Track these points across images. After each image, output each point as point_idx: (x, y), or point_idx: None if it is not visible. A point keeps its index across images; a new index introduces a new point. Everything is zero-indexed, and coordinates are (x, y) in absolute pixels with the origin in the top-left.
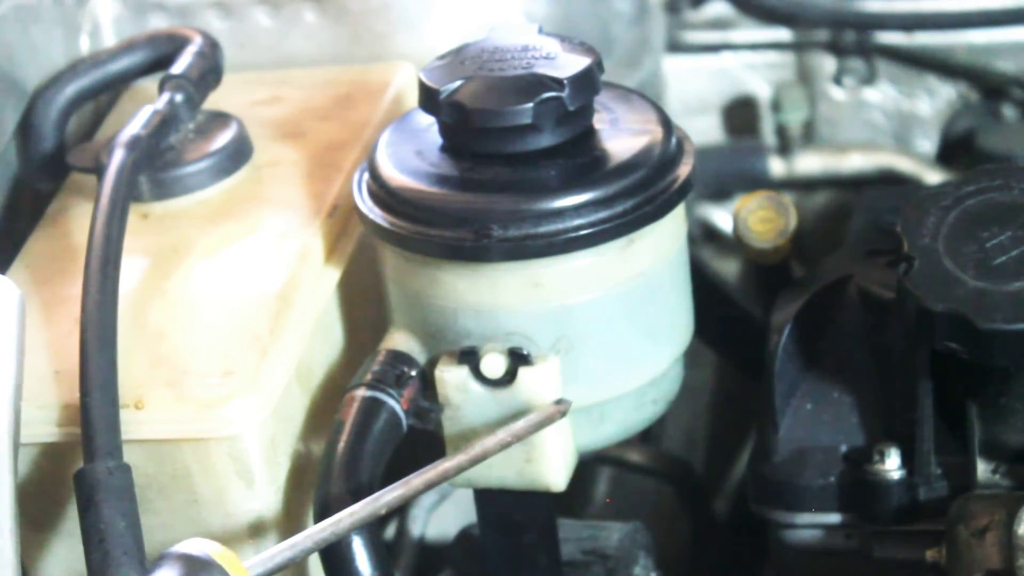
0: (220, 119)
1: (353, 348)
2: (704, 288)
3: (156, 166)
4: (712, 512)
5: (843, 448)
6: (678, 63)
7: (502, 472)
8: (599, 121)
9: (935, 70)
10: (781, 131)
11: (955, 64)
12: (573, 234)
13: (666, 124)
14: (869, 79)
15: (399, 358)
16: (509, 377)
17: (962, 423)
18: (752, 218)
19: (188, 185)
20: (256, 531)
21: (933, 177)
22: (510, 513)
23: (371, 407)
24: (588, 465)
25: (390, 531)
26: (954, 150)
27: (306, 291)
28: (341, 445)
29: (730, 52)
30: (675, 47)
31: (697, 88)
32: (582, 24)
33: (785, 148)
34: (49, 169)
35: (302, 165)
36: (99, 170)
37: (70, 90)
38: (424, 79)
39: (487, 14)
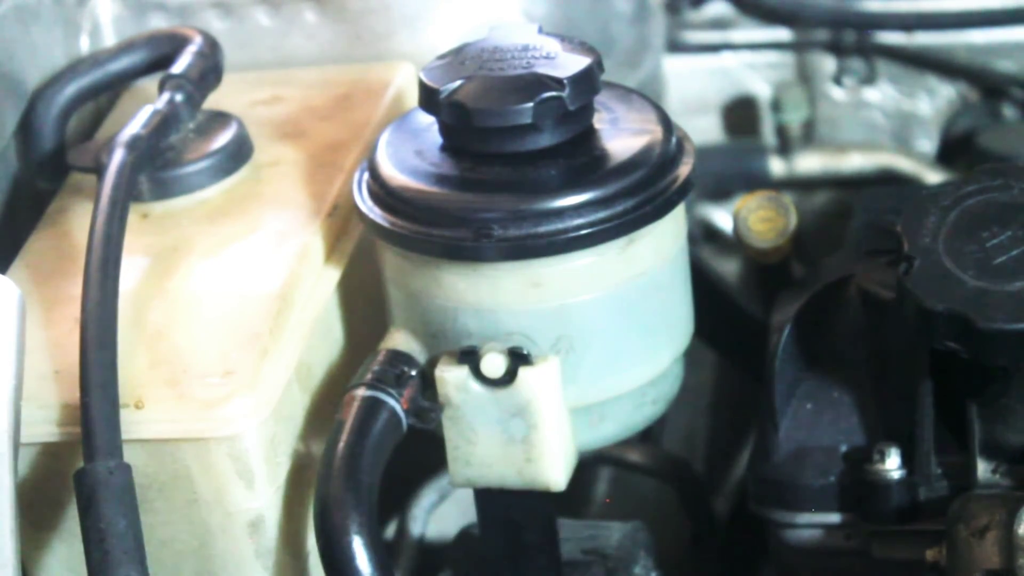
0: (220, 119)
1: (353, 348)
2: (704, 288)
3: (156, 166)
4: (712, 512)
5: (843, 448)
6: (678, 63)
7: (502, 472)
8: (599, 121)
9: (935, 70)
10: (781, 131)
11: (955, 64)
12: (573, 234)
13: (666, 124)
14: (869, 79)
15: (399, 358)
16: (509, 377)
17: (962, 423)
18: (752, 218)
19: (188, 185)
20: (256, 531)
21: (933, 177)
22: (510, 513)
23: (371, 407)
24: (588, 465)
25: (390, 531)
26: (954, 150)
27: (306, 291)
28: (341, 445)
29: (730, 52)
30: (675, 47)
31: (697, 88)
32: (582, 24)
33: (785, 148)
34: (49, 169)
35: (302, 165)
36: (99, 170)
37: (70, 90)
38: (424, 79)
39: (487, 14)
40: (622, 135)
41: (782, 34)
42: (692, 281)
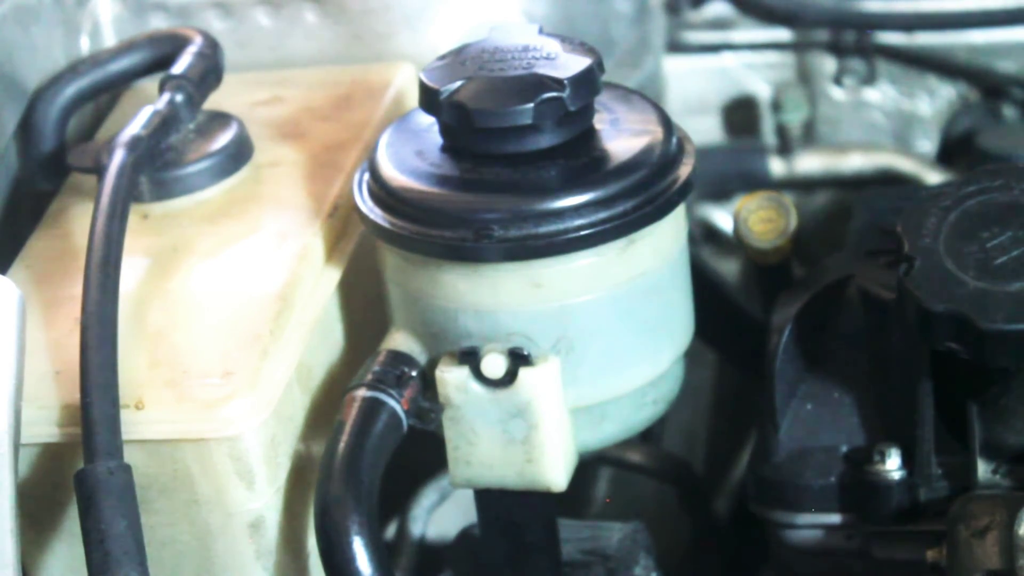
0: (220, 119)
1: (353, 348)
2: (704, 288)
3: (156, 166)
4: (712, 512)
5: (843, 448)
6: (678, 63)
7: (502, 472)
8: (599, 121)
9: (935, 70)
10: (781, 131)
11: (955, 64)
12: (573, 234)
13: (666, 124)
14: (869, 79)
15: (399, 358)
16: (509, 377)
17: (962, 423)
18: (752, 218)
19: (188, 185)
20: (256, 531)
21: (933, 177)
22: (510, 513)
23: (371, 407)
24: (588, 465)
25: (390, 531)
26: (954, 150)
27: (306, 291)
28: (341, 445)
29: (730, 52)
30: (675, 47)
31: (697, 88)
32: (582, 24)
33: (785, 148)
34: (49, 169)
35: (302, 165)
36: (99, 170)
37: (70, 90)
38: (424, 79)
39: (487, 14)
40: (622, 136)
41: (782, 34)
42: (692, 281)
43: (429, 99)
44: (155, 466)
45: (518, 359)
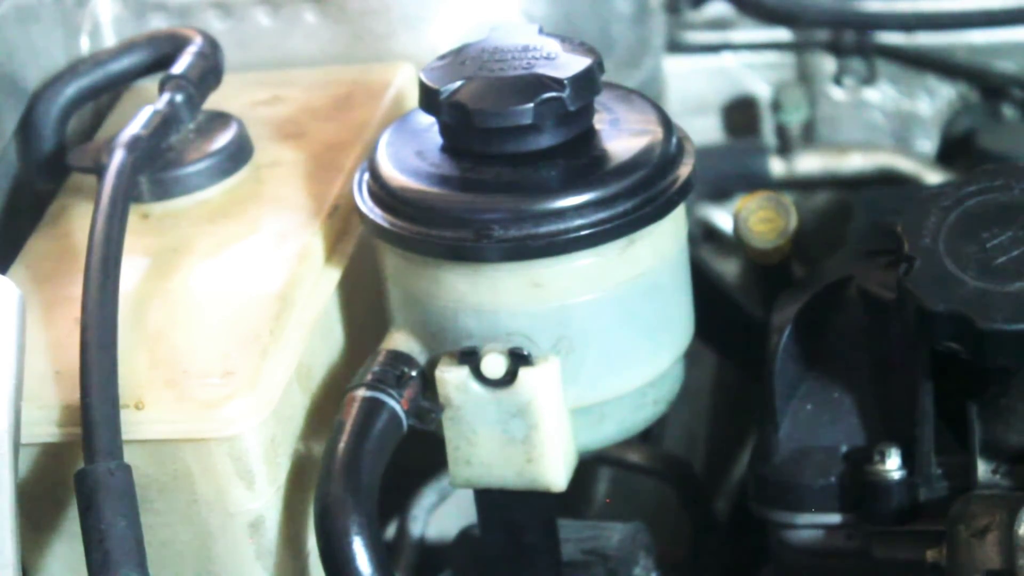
0: (220, 119)
1: (353, 348)
2: (704, 288)
3: (156, 166)
4: (712, 512)
5: (843, 448)
6: (678, 63)
7: (502, 472)
8: (599, 121)
9: (935, 70)
10: (781, 131)
11: (955, 64)
12: (574, 234)
13: (666, 124)
14: (869, 79)
15: (399, 358)
16: (510, 377)
17: (962, 423)
18: (752, 218)
19: (188, 185)
20: (256, 531)
21: (933, 177)
22: (510, 513)
23: (371, 407)
24: (588, 465)
25: (390, 531)
26: (954, 150)
27: (306, 291)
28: (341, 445)
29: (730, 52)
30: (675, 47)
31: (697, 88)
32: (582, 24)
33: (785, 148)
34: (49, 169)
35: (302, 165)
36: (99, 170)
37: (70, 90)
38: (424, 79)
39: (487, 14)
40: (622, 136)
41: (782, 34)
42: (692, 281)
43: (429, 99)
44: (155, 466)
45: (518, 359)
